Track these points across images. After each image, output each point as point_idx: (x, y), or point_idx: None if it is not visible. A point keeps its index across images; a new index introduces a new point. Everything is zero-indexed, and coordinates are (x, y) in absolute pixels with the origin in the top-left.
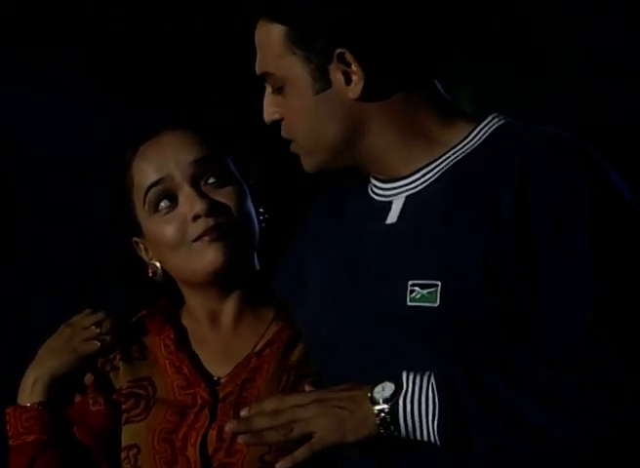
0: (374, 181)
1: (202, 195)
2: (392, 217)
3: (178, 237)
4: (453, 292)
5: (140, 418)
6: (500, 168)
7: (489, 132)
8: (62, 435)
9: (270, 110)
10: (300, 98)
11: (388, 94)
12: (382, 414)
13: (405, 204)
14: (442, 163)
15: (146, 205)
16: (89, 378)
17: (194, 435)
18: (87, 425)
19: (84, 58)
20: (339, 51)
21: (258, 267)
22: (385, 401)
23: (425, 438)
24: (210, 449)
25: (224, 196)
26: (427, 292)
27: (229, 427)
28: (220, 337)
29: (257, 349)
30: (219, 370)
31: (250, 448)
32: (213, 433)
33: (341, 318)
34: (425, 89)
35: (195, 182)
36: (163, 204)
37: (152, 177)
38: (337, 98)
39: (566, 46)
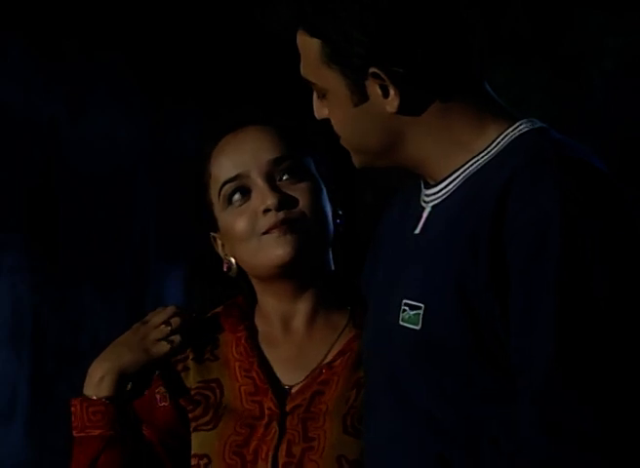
0: (422, 186)
1: (274, 189)
2: (419, 228)
3: (248, 229)
4: (433, 316)
5: (209, 427)
6: (491, 186)
7: (510, 140)
8: (129, 432)
9: (318, 111)
10: (341, 108)
11: (426, 105)
12: None
13: (430, 214)
14: (464, 171)
15: (221, 198)
16: (158, 374)
17: (265, 449)
18: (152, 421)
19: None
20: (372, 70)
21: (333, 268)
22: None
23: None
24: (280, 464)
25: (298, 191)
26: (413, 314)
27: None
28: (292, 342)
29: (328, 360)
30: (288, 377)
31: (320, 464)
32: (283, 447)
33: (371, 331)
34: (462, 94)
35: (270, 178)
36: (236, 197)
37: (229, 173)
38: (375, 111)
39: (601, 52)
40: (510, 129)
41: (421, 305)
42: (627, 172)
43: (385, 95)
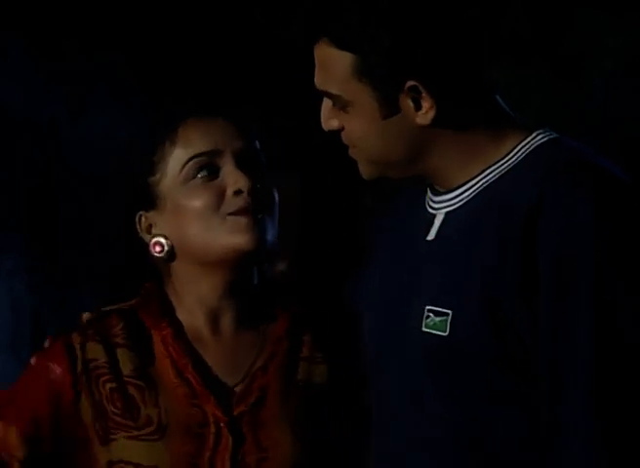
0: (429, 192)
1: (248, 174)
2: (432, 234)
3: (212, 206)
4: (460, 323)
5: (155, 437)
6: (518, 196)
7: (528, 151)
8: None
9: (330, 121)
10: (367, 121)
11: (453, 117)
12: None
13: (443, 220)
14: (480, 180)
15: (183, 172)
16: (87, 322)
17: (220, 459)
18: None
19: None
20: (410, 83)
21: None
22: None
23: None
24: None
25: (266, 190)
26: (439, 321)
27: None
28: (220, 340)
29: (260, 363)
30: (224, 379)
31: None
32: (237, 458)
33: (385, 335)
34: (483, 106)
35: (243, 163)
36: (203, 173)
37: (200, 148)
38: (405, 123)
39: (601, 52)
40: (527, 139)
41: (449, 312)
42: (627, 172)
43: (418, 107)
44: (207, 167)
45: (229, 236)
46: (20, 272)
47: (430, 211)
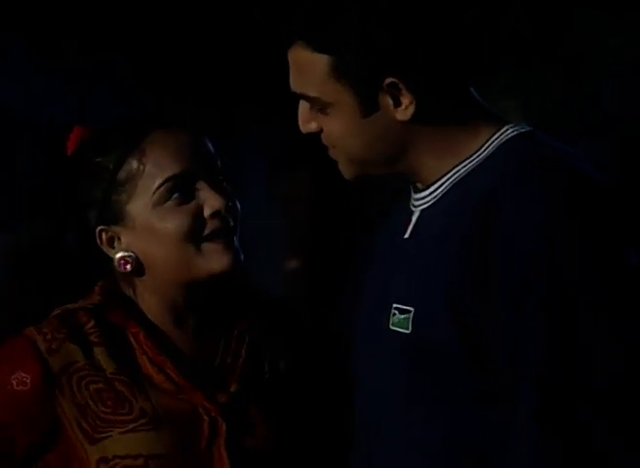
0: (412, 190)
1: (221, 192)
2: (408, 232)
3: (188, 230)
4: (422, 321)
5: (151, 427)
6: (480, 192)
7: (498, 145)
8: None
9: (308, 124)
10: (347, 120)
11: (432, 112)
12: None
13: (418, 218)
14: (452, 176)
15: (156, 195)
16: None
17: (217, 446)
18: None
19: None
20: (389, 80)
21: None
22: None
23: None
24: (237, 458)
25: (235, 207)
26: (403, 318)
27: None
28: (185, 338)
29: (231, 357)
30: (200, 372)
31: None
32: (234, 441)
33: (364, 335)
34: (459, 100)
35: (215, 180)
36: (176, 195)
37: (173, 169)
38: (384, 120)
39: (602, 53)
40: (498, 133)
41: (411, 309)
42: (628, 172)
43: (397, 104)
44: (180, 189)
45: (205, 261)
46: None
47: (411, 209)
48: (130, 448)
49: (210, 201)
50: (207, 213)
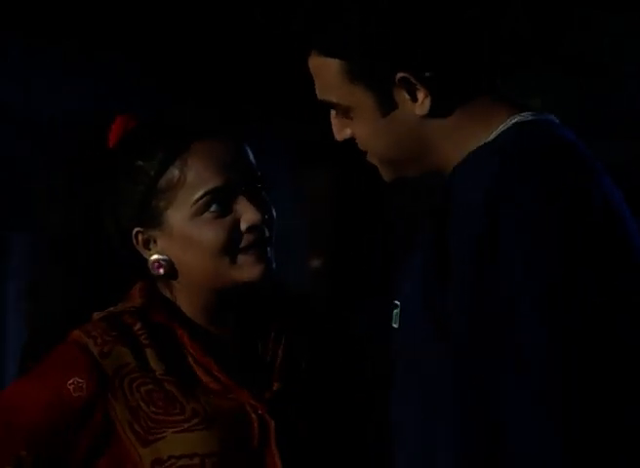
0: None
1: (260, 205)
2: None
3: (225, 243)
4: (405, 314)
5: (204, 426)
6: (468, 188)
7: (496, 134)
8: None
9: (340, 132)
10: (369, 122)
11: (451, 104)
12: None
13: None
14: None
15: (195, 207)
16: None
17: (268, 444)
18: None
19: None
20: (400, 76)
21: None
22: None
23: None
24: (287, 454)
25: (272, 219)
26: (395, 313)
27: None
28: (226, 339)
29: (270, 356)
30: (243, 372)
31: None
32: (281, 439)
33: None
34: (479, 91)
35: (254, 193)
36: (214, 207)
37: (214, 183)
38: (405, 117)
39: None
40: (501, 126)
41: (398, 303)
42: (628, 172)
43: (414, 99)
44: (219, 201)
45: (238, 272)
46: (23, 272)
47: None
48: (185, 447)
49: (247, 215)
50: (244, 226)
